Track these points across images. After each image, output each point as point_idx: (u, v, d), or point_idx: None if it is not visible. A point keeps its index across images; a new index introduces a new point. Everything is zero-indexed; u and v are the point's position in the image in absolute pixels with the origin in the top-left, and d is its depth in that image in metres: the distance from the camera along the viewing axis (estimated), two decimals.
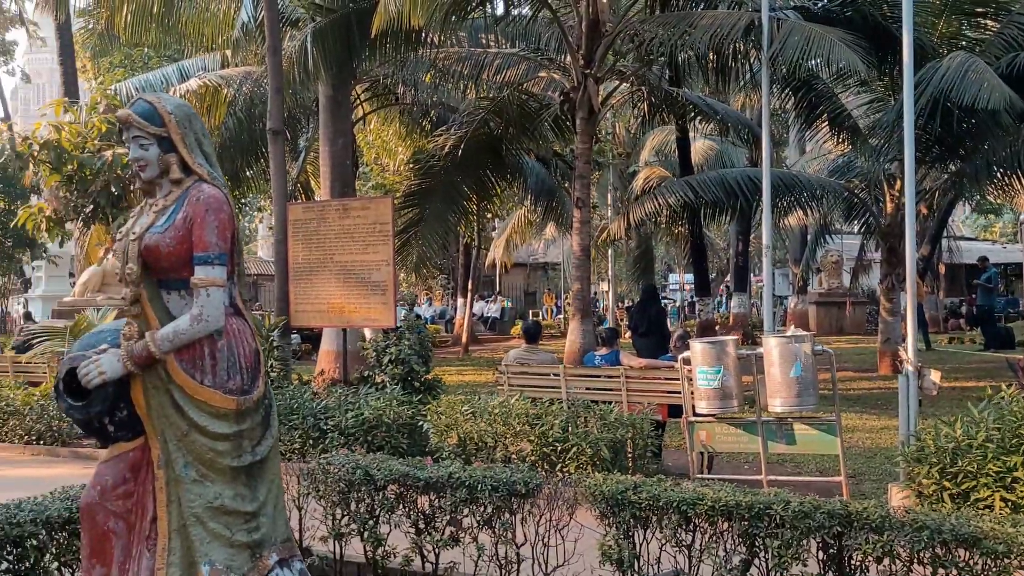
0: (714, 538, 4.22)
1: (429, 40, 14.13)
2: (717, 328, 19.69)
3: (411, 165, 21.00)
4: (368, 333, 17.03)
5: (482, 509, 4.77)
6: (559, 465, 7.18)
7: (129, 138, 2.92)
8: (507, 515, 4.71)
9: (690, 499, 4.19)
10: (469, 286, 23.08)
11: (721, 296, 37.52)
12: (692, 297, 36.84)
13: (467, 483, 4.71)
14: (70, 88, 17.77)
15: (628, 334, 16.91)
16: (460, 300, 25.50)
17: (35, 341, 10.27)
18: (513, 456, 7.31)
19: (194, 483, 2.80)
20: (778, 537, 4.01)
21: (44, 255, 21.61)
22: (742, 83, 15.57)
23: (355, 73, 14.89)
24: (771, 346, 6.48)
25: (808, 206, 16.39)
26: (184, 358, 2.83)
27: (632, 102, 16.99)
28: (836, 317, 26.87)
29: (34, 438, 9.74)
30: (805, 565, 4.01)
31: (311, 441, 8.36)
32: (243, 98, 16.80)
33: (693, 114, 16.76)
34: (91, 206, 8.47)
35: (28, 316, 18.94)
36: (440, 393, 9.09)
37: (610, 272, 23.87)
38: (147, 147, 2.90)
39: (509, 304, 34.27)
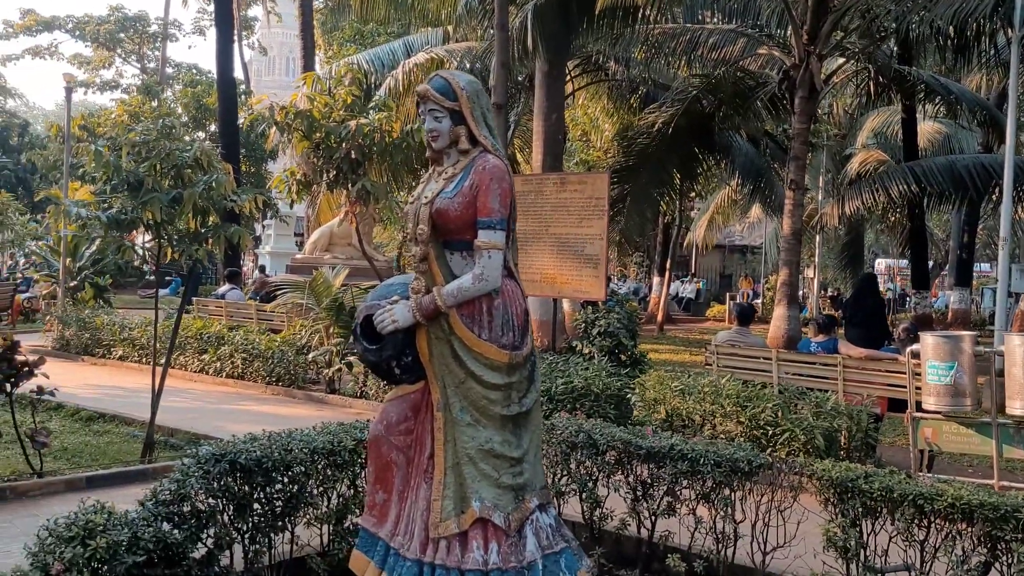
0: (950, 537, 4.10)
1: (645, 16, 14.11)
2: (933, 324, 18.46)
3: (617, 142, 21.10)
4: (566, 305, 17.38)
5: (701, 483, 4.86)
6: (769, 449, 7.11)
7: (425, 111, 3.23)
8: (727, 491, 4.78)
9: (928, 494, 4.09)
10: (667, 265, 22.93)
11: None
12: (902, 289, 34.62)
13: (689, 456, 4.81)
14: (308, 61, 19.24)
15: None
16: (656, 278, 25.39)
17: (278, 293, 11.33)
18: (721, 436, 7.33)
19: (468, 426, 3.10)
20: None
21: (276, 215, 23.58)
22: (983, 61, 14.41)
23: (570, 50, 15.11)
24: (1015, 345, 6.09)
25: None
26: (464, 313, 3.13)
27: (855, 81, 16.13)
28: None
29: (274, 379, 10.80)
30: None
31: None
32: (464, 71, 17.52)
33: (923, 94, 15.68)
34: (334, 171, 9.19)
35: (262, 269, 20.79)
36: (646, 368, 9.20)
37: (816, 258, 22.88)
38: (440, 119, 3.21)
39: (704, 285, 33.68)
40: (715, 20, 16.57)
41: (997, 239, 34.78)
